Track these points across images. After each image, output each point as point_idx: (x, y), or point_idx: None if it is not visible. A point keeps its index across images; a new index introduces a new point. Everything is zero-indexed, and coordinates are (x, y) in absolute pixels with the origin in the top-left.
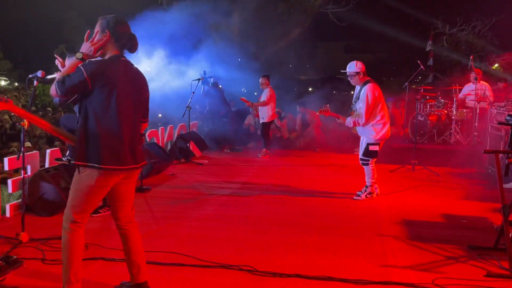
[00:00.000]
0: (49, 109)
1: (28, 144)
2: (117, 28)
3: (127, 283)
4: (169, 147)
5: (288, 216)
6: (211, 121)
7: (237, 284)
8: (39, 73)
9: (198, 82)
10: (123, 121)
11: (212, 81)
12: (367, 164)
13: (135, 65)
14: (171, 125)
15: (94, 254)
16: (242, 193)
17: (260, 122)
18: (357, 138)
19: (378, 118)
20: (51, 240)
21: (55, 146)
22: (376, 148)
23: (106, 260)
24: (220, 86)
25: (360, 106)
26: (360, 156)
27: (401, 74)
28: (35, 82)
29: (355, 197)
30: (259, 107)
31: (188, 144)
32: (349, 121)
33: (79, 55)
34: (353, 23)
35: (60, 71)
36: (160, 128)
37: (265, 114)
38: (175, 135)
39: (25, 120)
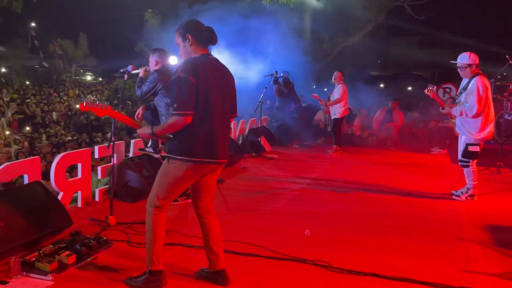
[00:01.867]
0: (128, 102)
1: (111, 134)
2: (195, 29)
3: (206, 269)
4: (240, 141)
5: (360, 215)
6: (280, 116)
7: (312, 278)
8: (129, 68)
9: (271, 77)
10: (216, 116)
11: (283, 76)
12: (467, 166)
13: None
14: (243, 120)
15: (174, 240)
16: (313, 189)
17: (332, 118)
18: (433, 138)
19: (483, 115)
20: (135, 225)
21: (135, 138)
22: (476, 148)
23: (185, 246)
24: (292, 82)
25: (470, 99)
26: (459, 157)
27: (484, 70)
28: (125, 76)
29: (453, 197)
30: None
31: (259, 139)
32: (456, 110)
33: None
34: (431, 16)
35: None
36: (232, 122)
37: (336, 110)
38: (247, 130)
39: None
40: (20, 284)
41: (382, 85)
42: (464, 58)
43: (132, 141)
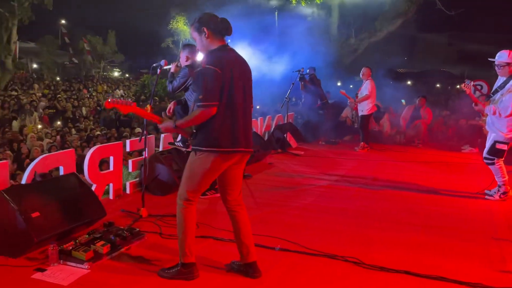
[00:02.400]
0: (156, 98)
1: (138, 129)
2: (210, 21)
3: (237, 262)
4: (266, 137)
5: (389, 212)
6: (306, 113)
7: (343, 274)
8: (162, 62)
9: (298, 73)
10: (239, 106)
11: (309, 73)
12: (492, 164)
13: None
14: (269, 116)
15: (204, 233)
16: (340, 186)
17: (359, 114)
18: (463, 136)
19: None
20: (166, 217)
21: (162, 133)
22: (504, 147)
23: (215, 239)
24: (319, 79)
25: (505, 98)
26: (485, 154)
27: None
28: (158, 70)
29: (486, 197)
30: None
31: (285, 135)
32: (489, 109)
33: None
34: (462, 11)
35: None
36: (259, 118)
37: (364, 106)
38: (273, 126)
39: (148, 106)
40: (58, 272)
41: (409, 82)
42: (503, 56)
43: (162, 135)
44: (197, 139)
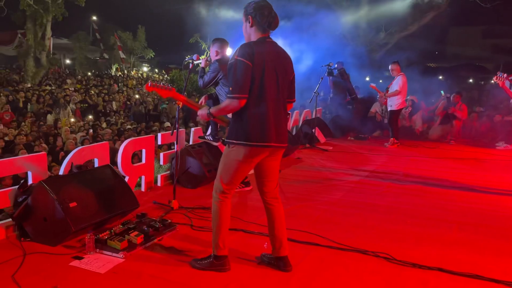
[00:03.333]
0: (185, 93)
1: (168, 124)
2: (258, 12)
3: (268, 255)
4: (294, 131)
5: (421, 209)
6: (335, 108)
7: (374, 270)
8: (194, 57)
9: (327, 67)
10: (269, 100)
11: (337, 67)
12: None
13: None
14: (297, 111)
15: (234, 226)
16: (371, 181)
17: (388, 110)
18: (498, 132)
19: None
20: (197, 210)
21: (190, 127)
22: None
23: (245, 232)
24: (347, 73)
25: None
26: None
27: None
28: (190, 65)
29: None
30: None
31: (313, 130)
32: None
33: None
34: (498, 4)
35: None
36: (291, 108)
37: (393, 101)
38: (301, 121)
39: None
40: (94, 260)
41: (441, 77)
42: None
43: (192, 129)
44: (230, 131)
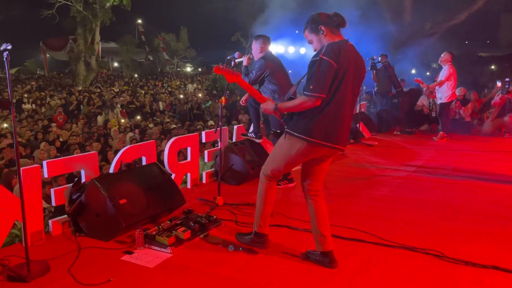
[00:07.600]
0: (227, 92)
1: (211, 122)
2: (325, 19)
3: (313, 251)
4: None
5: (474, 204)
6: (379, 102)
7: (424, 267)
8: (236, 54)
9: (370, 61)
10: (346, 102)
11: (382, 60)
12: None
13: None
14: None
15: (279, 222)
16: (418, 176)
17: (438, 102)
18: None
19: None
20: (241, 206)
21: (232, 124)
22: None
23: (290, 228)
24: (392, 66)
25: None
26: None
27: None
28: (232, 63)
29: None
30: (437, 87)
31: (357, 125)
32: None
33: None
34: None
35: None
36: None
37: (443, 93)
38: None
39: (222, 98)
40: (144, 255)
41: (493, 67)
42: None
43: (235, 127)
44: (293, 123)
